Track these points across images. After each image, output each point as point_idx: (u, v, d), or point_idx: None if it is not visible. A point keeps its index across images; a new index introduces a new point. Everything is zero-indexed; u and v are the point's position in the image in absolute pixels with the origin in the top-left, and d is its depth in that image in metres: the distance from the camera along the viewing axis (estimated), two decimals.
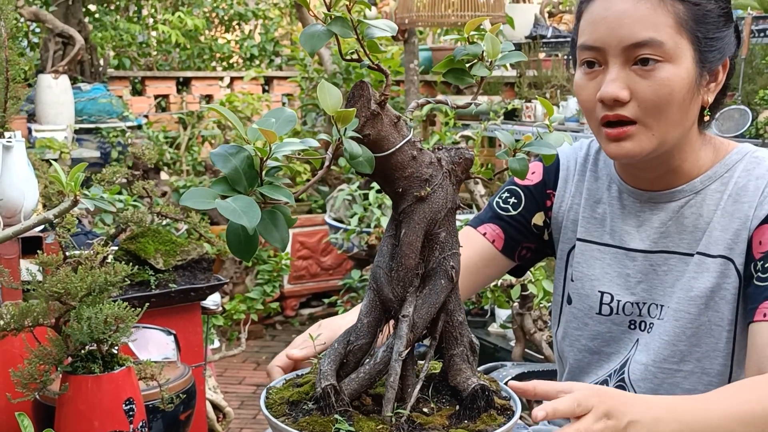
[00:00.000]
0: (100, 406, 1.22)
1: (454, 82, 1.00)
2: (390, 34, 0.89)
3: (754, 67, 3.66)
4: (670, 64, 1.23)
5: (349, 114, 0.85)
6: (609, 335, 1.43)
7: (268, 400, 1.04)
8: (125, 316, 1.22)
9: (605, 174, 1.47)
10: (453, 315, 1.01)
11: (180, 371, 1.54)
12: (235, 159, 0.81)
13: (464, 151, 0.99)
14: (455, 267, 0.99)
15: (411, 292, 0.99)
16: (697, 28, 1.24)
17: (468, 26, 1.00)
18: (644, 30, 1.22)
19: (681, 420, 1.04)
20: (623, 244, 1.41)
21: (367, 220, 4.21)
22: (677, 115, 1.26)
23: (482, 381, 0.98)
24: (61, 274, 1.22)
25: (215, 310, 2.00)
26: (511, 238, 1.50)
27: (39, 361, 1.20)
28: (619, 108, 1.25)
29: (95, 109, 5.06)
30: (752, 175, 1.32)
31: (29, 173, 1.72)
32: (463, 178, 1.00)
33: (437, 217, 0.98)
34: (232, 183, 0.79)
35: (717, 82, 1.31)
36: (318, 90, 0.86)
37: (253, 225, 0.76)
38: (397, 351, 0.96)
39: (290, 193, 0.81)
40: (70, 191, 1.11)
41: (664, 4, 1.23)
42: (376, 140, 0.94)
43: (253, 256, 0.81)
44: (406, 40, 5.06)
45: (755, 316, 1.24)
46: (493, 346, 3.43)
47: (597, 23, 1.27)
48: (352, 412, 0.96)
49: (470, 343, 1.02)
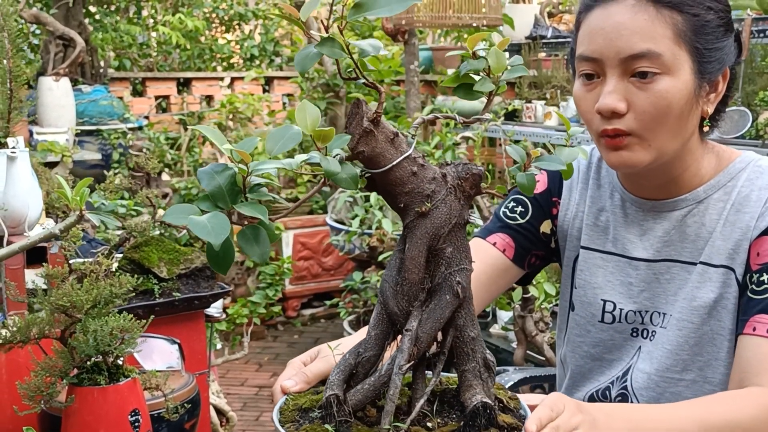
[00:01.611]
0: (106, 417, 1.23)
1: (463, 98, 1.00)
2: (374, 54, 0.89)
3: (754, 67, 3.66)
4: (668, 76, 1.23)
5: (328, 133, 0.87)
6: (611, 343, 1.44)
7: (284, 406, 1.06)
8: (131, 328, 1.23)
9: (608, 182, 1.47)
10: (463, 331, 1.01)
11: (184, 380, 1.55)
12: (220, 177, 0.84)
13: (471, 166, 0.99)
14: (461, 282, 0.99)
15: (416, 307, 0.99)
16: (696, 39, 1.24)
17: (470, 41, 1.00)
18: (642, 42, 1.22)
19: (630, 418, 1.11)
20: (626, 252, 1.42)
21: (368, 222, 4.22)
22: (675, 127, 1.26)
23: (485, 399, 0.97)
24: (66, 287, 1.23)
25: (219, 318, 2.01)
26: (521, 246, 1.50)
27: (45, 373, 1.21)
28: (617, 121, 1.25)
29: (96, 111, 5.06)
30: (755, 185, 1.32)
31: (33, 182, 1.72)
32: (473, 193, 0.99)
33: (440, 233, 0.98)
34: (214, 200, 0.82)
35: (717, 92, 1.30)
36: (297, 110, 0.88)
37: (219, 242, 0.79)
38: (398, 364, 0.97)
39: (266, 209, 0.83)
40: (76, 206, 1.12)
41: (662, 15, 1.22)
42: (371, 157, 0.94)
43: (227, 270, 0.84)
44: (407, 41, 5.07)
45: (744, 329, 1.25)
46: (494, 348, 3.45)
47: (595, 34, 1.27)
48: (352, 422, 0.97)
49: (484, 360, 1.01)
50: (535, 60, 4.96)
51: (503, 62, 0.98)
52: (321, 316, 5.50)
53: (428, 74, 6.21)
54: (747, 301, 1.27)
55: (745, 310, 1.27)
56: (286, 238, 5.29)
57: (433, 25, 4.63)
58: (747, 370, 1.22)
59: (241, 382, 4.48)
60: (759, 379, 1.20)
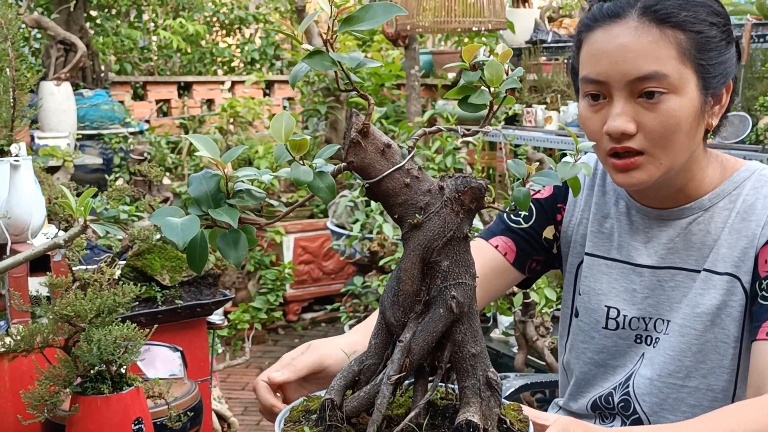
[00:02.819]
0: (109, 426, 1.23)
1: (467, 111, 0.99)
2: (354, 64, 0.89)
3: (754, 72, 3.66)
4: (675, 95, 1.23)
5: (302, 143, 0.89)
6: (615, 349, 1.45)
7: (294, 408, 1.07)
8: (134, 337, 1.24)
9: (612, 189, 1.48)
10: (462, 347, 0.99)
11: (187, 388, 1.56)
12: (207, 183, 0.88)
13: (471, 179, 0.97)
14: (456, 297, 0.97)
15: (412, 318, 0.99)
16: (700, 57, 1.24)
17: (465, 52, 0.98)
18: (648, 63, 1.22)
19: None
20: (630, 259, 1.42)
21: (369, 227, 4.22)
22: (684, 143, 1.27)
23: (472, 417, 0.94)
24: (70, 296, 1.23)
25: (221, 325, 2.01)
26: (522, 250, 1.51)
27: (49, 382, 1.22)
28: (627, 140, 1.26)
29: (97, 115, 5.07)
30: (760, 194, 1.33)
31: (36, 190, 1.73)
32: (474, 207, 0.98)
33: (434, 246, 0.97)
34: (199, 204, 0.87)
35: (721, 104, 1.32)
36: (273, 120, 0.90)
37: (183, 242, 0.84)
38: (387, 374, 0.97)
39: (237, 215, 0.87)
40: (80, 216, 1.12)
41: (666, 36, 1.23)
42: (361, 167, 0.95)
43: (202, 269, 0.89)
44: (407, 45, 5.08)
45: (758, 335, 1.25)
46: (495, 353, 3.45)
47: (599, 56, 1.27)
48: (342, 427, 0.98)
49: (486, 378, 0.99)
50: (535, 64, 4.96)
51: (501, 73, 0.97)
52: (322, 320, 5.51)
53: (429, 78, 6.22)
54: (758, 308, 1.28)
55: (757, 316, 1.27)
56: (287, 243, 5.30)
57: (435, 30, 4.64)
58: (766, 376, 1.22)
59: (242, 387, 4.49)
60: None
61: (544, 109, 4.71)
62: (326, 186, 0.91)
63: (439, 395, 1.07)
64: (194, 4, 6.91)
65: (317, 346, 1.26)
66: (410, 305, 0.99)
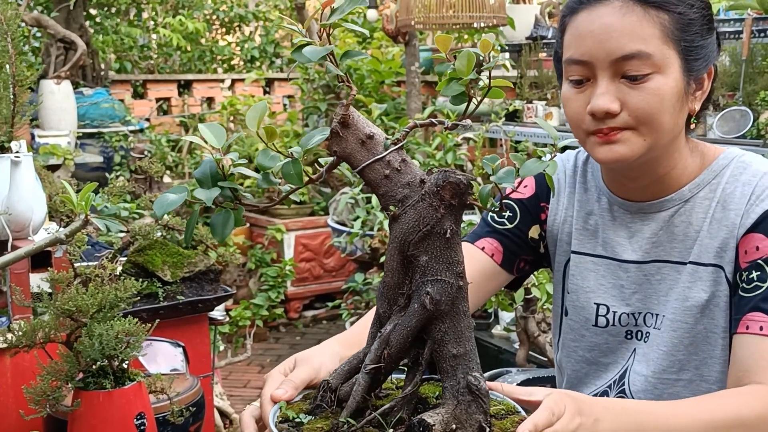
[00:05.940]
0: (111, 421, 1.24)
1: (455, 104, 0.97)
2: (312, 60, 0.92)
3: (754, 67, 3.66)
4: (659, 74, 1.24)
5: (272, 130, 0.93)
6: (606, 346, 1.44)
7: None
8: (136, 332, 1.24)
9: (594, 186, 1.47)
10: (443, 346, 0.97)
11: (189, 383, 1.56)
12: (210, 165, 0.95)
13: (450, 174, 0.94)
14: (431, 294, 0.95)
15: (395, 311, 0.99)
16: (682, 37, 1.25)
17: (438, 40, 0.97)
18: (632, 42, 1.23)
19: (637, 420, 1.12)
20: (616, 255, 1.42)
21: (370, 224, 4.22)
22: (669, 123, 1.27)
23: (428, 418, 0.92)
24: (71, 292, 1.23)
25: (222, 321, 2.01)
26: (509, 251, 1.49)
27: (51, 378, 1.22)
28: (610, 120, 1.26)
29: (97, 113, 5.08)
30: (739, 181, 1.33)
31: (37, 187, 1.73)
32: (456, 203, 0.95)
33: (409, 239, 0.95)
34: (200, 184, 0.95)
35: (703, 90, 1.32)
36: (249, 111, 0.94)
37: (159, 214, 0.93)
38: (364, 364, 0.98)
39: (211, 196, 0.92)
40: (81, 211, 1.12)
41: (650, 16, 1.24)
42: (343, 157, 0.97)
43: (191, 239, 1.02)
44: (407, 42, 5.07)
45: (738, 328, 1.26)
46: (496, 349, 3.45)
47: (583, 37, 1.27)
48: (327, 409, 1.01)
49: (467, 382, 0.95)
50: (535, 60, 4.95)
51: (471, 63, 0.94)
52: (323, 318, 5.51)
53: (429, 75, 6.21)
54: (738, 300, 1.28)
55: (738, 308, 1.28)
56: (288, 240, 5.30)
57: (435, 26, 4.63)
58: (745, 369, 1.23)
59: (244, 384, 4.49)
60: (758, 377, 1.21)
61: (545, 105, 4.71)
62: (295, 172, 0.94)
63: (437, 393, 1.06)
64: (194, 2, 6.91)
65: (306, 359, 1.21)
66: (393, 297, 1.00)
